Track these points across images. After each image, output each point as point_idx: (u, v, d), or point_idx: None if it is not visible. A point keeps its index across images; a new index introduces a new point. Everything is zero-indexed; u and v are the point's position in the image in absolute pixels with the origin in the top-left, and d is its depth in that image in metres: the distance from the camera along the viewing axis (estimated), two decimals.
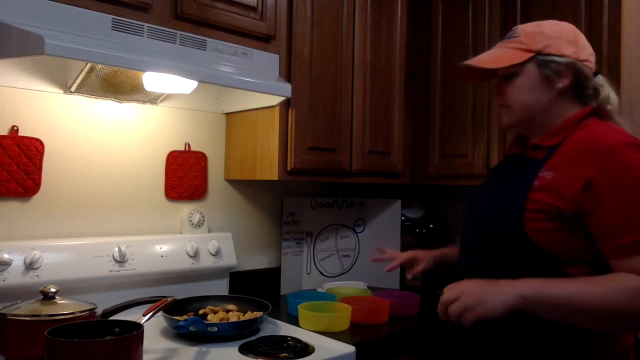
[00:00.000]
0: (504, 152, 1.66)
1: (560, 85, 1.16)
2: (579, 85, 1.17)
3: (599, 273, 1.05)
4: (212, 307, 1.71)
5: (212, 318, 1.62)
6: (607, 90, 1.19)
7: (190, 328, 1.39)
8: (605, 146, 1.06)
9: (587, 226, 1.06)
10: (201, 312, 1.68)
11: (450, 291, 1.09)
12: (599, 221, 1.04)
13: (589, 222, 1.05)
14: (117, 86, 1.65)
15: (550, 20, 1.21)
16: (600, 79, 1.20)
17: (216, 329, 1.47)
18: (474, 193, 1.33)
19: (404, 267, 1.63)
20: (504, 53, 1.20)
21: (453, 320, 1.07)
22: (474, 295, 1.06)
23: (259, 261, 2.21)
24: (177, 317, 1.54)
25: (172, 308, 1.56)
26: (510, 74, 1.19)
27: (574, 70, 1.15)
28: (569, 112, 1.17)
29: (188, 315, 1.60)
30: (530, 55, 1.16)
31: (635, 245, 1.00)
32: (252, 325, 1.58)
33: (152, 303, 1.42)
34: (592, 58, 1.19)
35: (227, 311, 1.68)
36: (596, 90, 1.19)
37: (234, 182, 2.13)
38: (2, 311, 1.29)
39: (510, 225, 1.11)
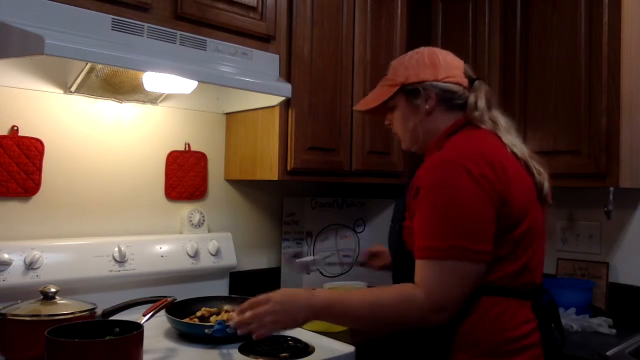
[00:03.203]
0: None
1: (427, 107, 1.26)
2: (445, 100, 1.26)
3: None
4: (208, 309, 1.66)
5: (212, 319, 1.60)
6: (474, 97, 1.25)
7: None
8: (437, 160, 1.16)
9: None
10: (198, 314, 1.65)
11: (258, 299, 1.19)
12: (415, 224, 1.15)
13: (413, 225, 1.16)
14: (117, 86, 1.65)
15: (412, 51, 1.32)
16: (476, 86, 1.26)
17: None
18: None
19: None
20: (378, 92, 1.35)
21: (243, 327, 1.17)
22: (279, 303, 1.16)
23: (259, 261, 2.21)
24: (177, 319, 1.53)
25: (176, 309, 1.56)
26: (391, 107, 1.33)
27: (436, 90, 1.25)
28: (443, 125, 1.26)
29: (191, 319, 1.60)
30: (396, 88, 1.29)
31: (422, 249, 1.11)
32: None
33: (152, 303, 1.43)
34: (457, 72, 1.26)
35: (225, 312, 1.66)
36: (466, 99, 1.26)
37: (234, 182, 2.13)
38: (2, 311, 1.29)
39: (398, 246, 1.24)
